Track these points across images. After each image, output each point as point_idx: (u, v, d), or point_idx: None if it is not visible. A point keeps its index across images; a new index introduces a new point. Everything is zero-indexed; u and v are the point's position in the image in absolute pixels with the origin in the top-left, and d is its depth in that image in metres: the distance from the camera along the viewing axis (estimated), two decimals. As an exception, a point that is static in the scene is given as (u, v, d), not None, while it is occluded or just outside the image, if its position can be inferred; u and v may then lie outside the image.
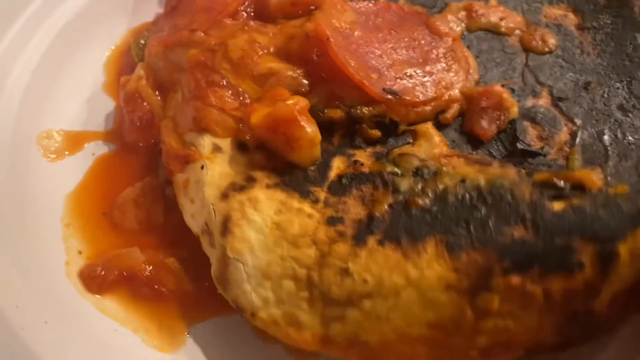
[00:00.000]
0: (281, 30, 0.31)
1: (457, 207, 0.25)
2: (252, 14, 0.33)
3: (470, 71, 0.31)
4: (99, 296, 0.27)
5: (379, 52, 0.30)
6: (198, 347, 0.27)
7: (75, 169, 0.32)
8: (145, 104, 0.33)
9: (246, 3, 0.33)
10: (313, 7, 0.32)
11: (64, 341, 0.25)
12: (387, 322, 0.24)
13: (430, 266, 0.24)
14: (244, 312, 0.25)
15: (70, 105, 0.34)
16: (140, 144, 0.33)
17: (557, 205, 0.25)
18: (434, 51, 0.31)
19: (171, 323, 0.27)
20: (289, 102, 0.27)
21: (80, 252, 0.28)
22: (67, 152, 0.32)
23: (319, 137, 0.27)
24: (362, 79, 0.28)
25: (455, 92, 0.30)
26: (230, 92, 0.29)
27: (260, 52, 0.30)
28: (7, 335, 0.23)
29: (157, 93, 0.33)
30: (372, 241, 0.25)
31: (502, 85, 0.30)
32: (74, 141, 0.33)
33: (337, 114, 0.29)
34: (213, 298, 0.27)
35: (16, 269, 0.26)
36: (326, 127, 0.28)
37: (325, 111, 0.29)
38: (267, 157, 0.28)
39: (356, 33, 0.31)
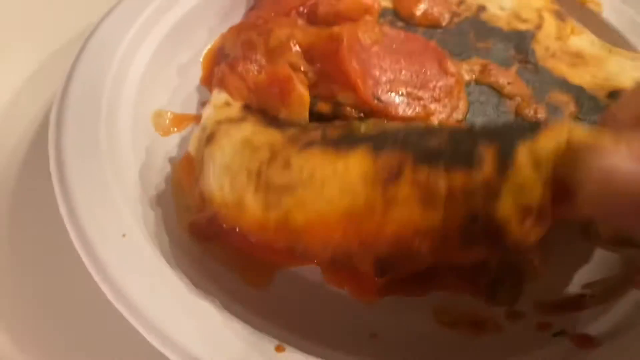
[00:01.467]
0: (318, 32, 0.37)
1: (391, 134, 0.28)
2: (305, 16, 0.40)
3: (457, 110, 0.35)
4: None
5: (386, 68, 0.34)
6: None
7: (180, 143, 0.38)
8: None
9: (304, 6, 0.40)
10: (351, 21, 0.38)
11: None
12: (312, 207, 0.27)
13: (354, 163, 0.27)
14: (204, 197, 0.30)
15: (176, 92, 0.41)
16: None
17: None
18: (433, 82, 0.34)
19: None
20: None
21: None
22: (174, 130, 0.39)
23: (307, 98, 0.32)
24: (357, 80, 0.33)
25: (434, 119, 0.34)
26: (257, 68, 0.36)
27: (294, 47, 0.36)
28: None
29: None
30: (316, 146, 0.29)
31: (479, 133, 0.34)
32: (179, 121, 0.39)
33: (326, 107, 0.33)
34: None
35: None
36: (316, 117, 0.33)
37: (318, 104, 0.33)
38: (263, 116, 0.33)
39: (374, 48, 0.35)
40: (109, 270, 0.28)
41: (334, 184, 0.27)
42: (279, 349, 0.27)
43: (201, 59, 0.43)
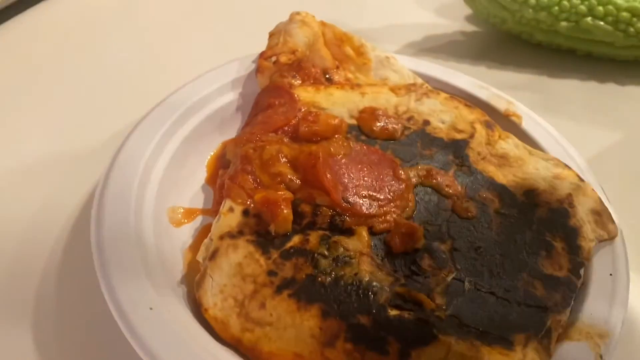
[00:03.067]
0: (300, 148, 0.48)
1: (341, 290, 0.38)
2: (289, 134, 0.51)
3: (407, 209, 0.45)
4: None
5: (352, 176, 0.45)
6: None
7: (190, 232, 0.47)
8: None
9: (288, 126, 0.51)
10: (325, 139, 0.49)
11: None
12: (274, 343, 0.37)
13: (308, 320, 0.37)
14: (202, 307, 0.39)
15: (187, 190, 0.51)
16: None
17: (393, 312, 0.37)
18: (388, 187, 0.46)
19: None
20: (280, 192, 0.44)
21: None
22: (185, 221, 0.48)
23: (290, 217, 0.42)
24: (331, 188, 0.43)
25: (390, 217, 0.44)
26: (252, 178, 0.46)
27: (282, 159, 0.47)
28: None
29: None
30: (285, 293, 0.38)
31: (423, 226, 0.44)
32: (189, 214, 0.49)
33: (307, 208, 0.43)
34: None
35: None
36: (299, 215, 0.43)
37: (301, 205, 0.44)
38: (257, 223, 0.42)
39: (343, 160, 0.46)
40: (140, 334, 0.36)
41: (292, 331, 0.37)
42: None
43: (206, 164, 0.53)
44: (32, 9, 0.74)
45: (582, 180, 0.49)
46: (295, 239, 0.42)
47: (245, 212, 0.44)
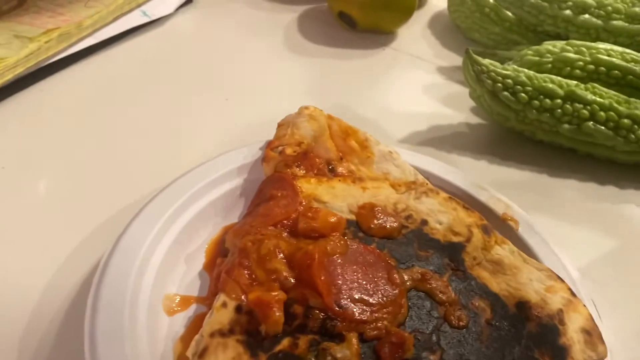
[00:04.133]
0: (297, 243, 0.49)
1: None
2: (288, 228, 0.52)
3: (399, 315, 0.45)
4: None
5: (347, 278, 0.45)
6: None
7: (182, 322, 0.48)
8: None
9: (287, 220, 0.52)
10: (323, 235, 0.50)
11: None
12: None
13: None
14: None
15: (183, 278, 0.51)
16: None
17: None
18: (382, 292, 0.46)
19: None
20: (274, 293, 0.44)
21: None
22: (178, 308, 0.48)
23: (282, 320, 0.42)
24: (324, 290, 0.44)
25: (381, 324, 0.44)
26: (248, 273, 0.47)
27: (278, 255, 0.48)
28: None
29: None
30: None
31: (414, 334, 0.44)
32: (184, 302, 0.49)
33: (299, 310, 0.44)
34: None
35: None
36: (291, 316, 0.43)
37: (294, 305, 0.44)
38: (249, 321, 0.43)
39: (339, 260, 0.47)
40: None
41: None
42: None
43: (205, 249, 0.54)
44: (41, 82, 0.77)
45: (574, 295, 0.49)
46: (285, 342, 0.42)
47: (238, 309, 0.44)
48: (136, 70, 0.83)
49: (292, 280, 0.46)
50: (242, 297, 0.44)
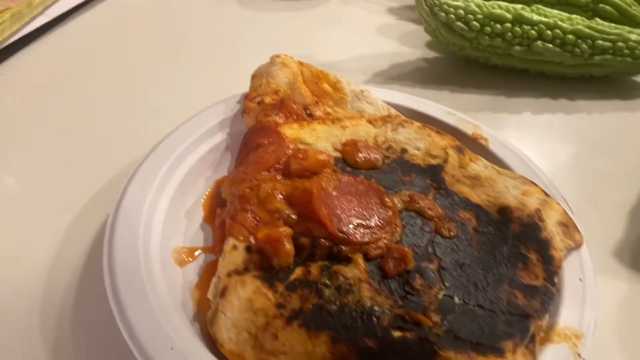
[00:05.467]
0: (293, 184, 0.52)
1: (347, 317, 0.42)
2: (281, 171, 0.54)
3: (395, 234, 0.49)
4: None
5: (344, 207, 0.49)
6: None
7: (194, 271, 0.50)
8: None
9: (279, 164, 0.55)
10: (315, 173, 0.53)
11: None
12: None
13: (319, 347, 0.40)
14: (217, 342, 0.42)
15: (187, 231, 0.53)
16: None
17: (397, 333, 0.41)
18: (378, 215, 0.50)
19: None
20: (281, 229, 0.47)
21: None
22: (189, 260, 0.51)
23: (292, 252, 0.45)
24: (326, 220, 0.47)
25: (382, 243, 0.48)
26: (252, 216, 0.49)
27: (277, 196, 0.50)
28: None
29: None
30: (295, 324, 0.41)
31: (412, 249, 0.48)
32: (191, 253, 0.51)
33: (306, 241, 0.47)
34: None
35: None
36: (299, 248, 0.46)
37: (300, 238, 0.48)
38: (260, 258, 0.46)
39: (334, 193, 0.50)
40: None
41: (304, 358, 0.41)
42: None
43: (202, 203, 0.56)
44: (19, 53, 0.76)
45: (547, 195, 0.54)
46: (298, 272, 0.45)
47: (249, 249, 0.47)
48: (94, 44, 0.82)
49: (295, 217, 0.49)
50: (251, 238, 0.47)
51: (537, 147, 0.69)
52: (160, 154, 0.55)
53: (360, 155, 0.57)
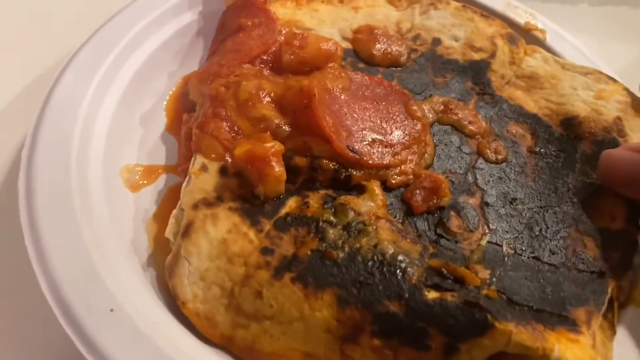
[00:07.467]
0: (285, 81, 0.37)
1: (359, 269, 0.30)
2: (269, 64, 0.40)
3: (425, 155, 0.36)
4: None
5: (357, 116, 0.36)
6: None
7: (152, 197, 0.38)
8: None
9: (265, 54, 0.40)
10: (316, 68, 0.39)
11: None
12: (277, 341, 0.29)
13: (321, 310, 0.29)
14: (177, 299, 0.31)
15: (143, 143, 0.40)
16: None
17: (431, 295, 0.29)
18: (403, 129, 0.37)
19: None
20: (267, 144, 0.34)
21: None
22: (144, 182, 0.38)
23: (284, 176, 0.33)
24: (331, 133, 0.34)
25: (407, 167, 0.35)
26: (228, 125, 0.36)
27: (264, 99, 0.36)
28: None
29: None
30: (287, 277, 0.30)
31: (446, 176, 0.35)
32: (149, 173, 0.39)
33: (303, 161, 0.34)
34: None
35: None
36: (293, 171, 0.34)
37: (294, 158, 0.34)
38: (239, 184, 0.33)
39: (343, 97, 0.36)
40: (98, 346, 0.28)
41: (299, 326, 0.29)
42: None
43: (164, 106, 0.43)
44: None
45: (633, 96, 0.40)
46: (291, 203, 0.33)
47: (223, 171, 0.34)
48: None
49: (287, 128, 0.35)
50: (226, 155, 0.34)
51: (599, 46, 0.53)
52: (107, 37, 0.41)
53: (377, 46, 0.42)
